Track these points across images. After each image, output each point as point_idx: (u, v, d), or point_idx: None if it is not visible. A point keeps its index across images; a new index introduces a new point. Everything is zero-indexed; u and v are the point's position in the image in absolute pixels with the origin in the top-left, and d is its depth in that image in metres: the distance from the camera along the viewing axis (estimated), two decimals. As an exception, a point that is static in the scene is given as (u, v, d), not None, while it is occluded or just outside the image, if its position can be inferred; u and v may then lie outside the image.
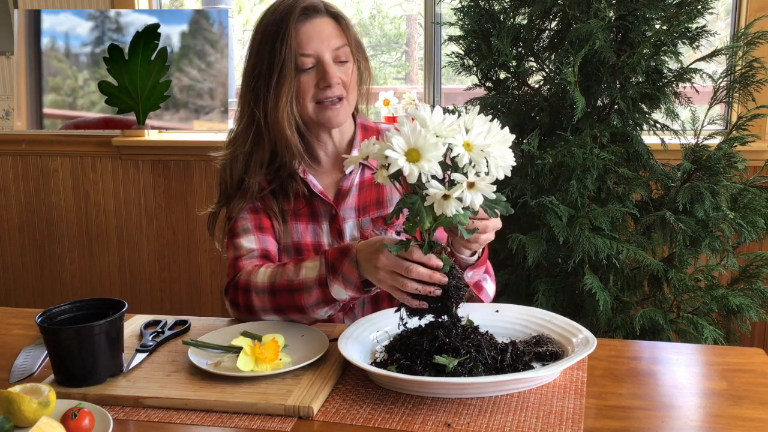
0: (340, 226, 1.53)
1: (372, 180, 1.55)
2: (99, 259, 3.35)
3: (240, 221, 1.52)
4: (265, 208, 1.52)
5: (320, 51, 1.44)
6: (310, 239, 1.53)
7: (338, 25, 1.47)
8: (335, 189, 1.55)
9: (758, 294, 2.16)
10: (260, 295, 1.40)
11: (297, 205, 1.53)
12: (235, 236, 1.51)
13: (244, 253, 1.48)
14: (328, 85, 1.44)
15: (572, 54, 2.07)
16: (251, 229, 1.51)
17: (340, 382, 1.22)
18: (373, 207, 1.54)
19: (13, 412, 1.06)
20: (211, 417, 1.13)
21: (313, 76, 1.45)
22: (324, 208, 1.53)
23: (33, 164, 3.31)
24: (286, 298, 1.38)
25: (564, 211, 2.04)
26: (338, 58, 1.45)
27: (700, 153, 2.16)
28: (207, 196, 3.18)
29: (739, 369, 1.27)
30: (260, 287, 1.40)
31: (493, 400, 1.15)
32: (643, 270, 2.15)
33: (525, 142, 2.14)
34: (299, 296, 1.36)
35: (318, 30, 1.44)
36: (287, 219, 1.53)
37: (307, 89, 1.45)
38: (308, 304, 1.36)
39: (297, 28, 1.43)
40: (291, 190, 1.51)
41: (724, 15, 2.92)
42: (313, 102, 1.47)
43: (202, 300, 3.29)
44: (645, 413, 1.12)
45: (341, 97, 1.47)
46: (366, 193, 1.55)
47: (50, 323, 1.24)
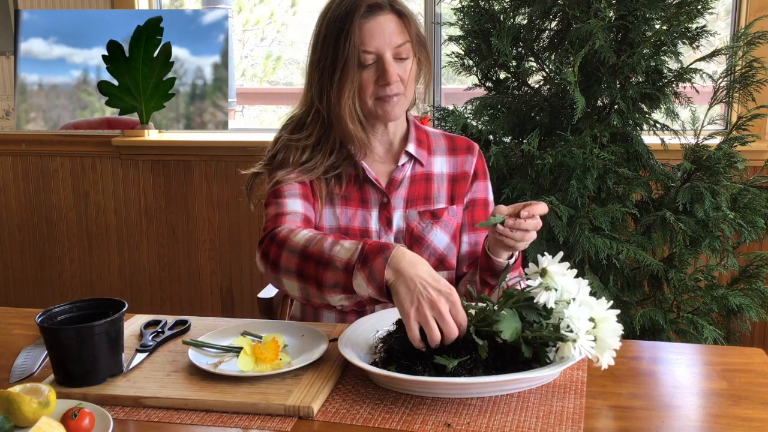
0: (390, 214, 1.55)
1: (422, 175, 1.59)
2: (99, 259, 3.35)
3: (287, 186, 1.51)
4: (312, 187, 1.54)
5: (381, 48, 1.46)
6: (358, 224, 1.55)
7: (401, 21, 1.48)
8: (387, 178, 1.58)
9: (758, 294, 2.16)
10: (291, 254, 1.33)
11: (348, 190, 1.56)
12: (280, 196, 1.49)
13: (288, 212, 1.47)
14: (386, 83, 1.46)
15: (572, 54, 2.07)
16: (298, 194, 1.51)
17: (340, 382, 1.22)
18: (421, 201, 1.57)
19: (13, 412, 1.06)
20: (211, 417, 1.13)
21: (373, 73, 1.47)
22: (375, 196, 1.56)
23: (33, 164, 3.31)
24: (311, 268, 1.30)
25: (564, 211, 2.05)
26: (399, 55, 1.47)
27: (700, 153, 2.16)
28: (207, 196, 3.18)
29: (739, 369, 1.27)
30: (294, 246, 1.33)
31: (493, 400, 1.15)
32: (643, 270, 2.15)
33: (525, 142, 2.14)
34: (323, 271, 1.28)
35: (381, 27, 1.46)
36: (337, 203, 1.55)
37: (367, 85, 1.48)
38: (328, 283, 1.28)
39: (360, 25, 1.45)
40: (344, 174, 1.55)
41: (724, 15, 2.92)
42: (372, 98, 1.49)
43: (202, 300, 3.29)
44: (645, 413, 1.12)
45: (399, 94, 1.49)
46: (416, 186, 1.58)
47: (50, 323, 1.24)
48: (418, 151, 1.58)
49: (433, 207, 1.58)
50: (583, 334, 1.11)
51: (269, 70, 4.70)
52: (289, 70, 4.69)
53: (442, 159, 1.61)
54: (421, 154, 1.59)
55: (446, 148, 1.63)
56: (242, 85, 4.23)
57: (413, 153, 1.57)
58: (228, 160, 3.12)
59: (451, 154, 1.62)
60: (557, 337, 1.13)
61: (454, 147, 1.63)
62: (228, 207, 3.18)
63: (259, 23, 4.65)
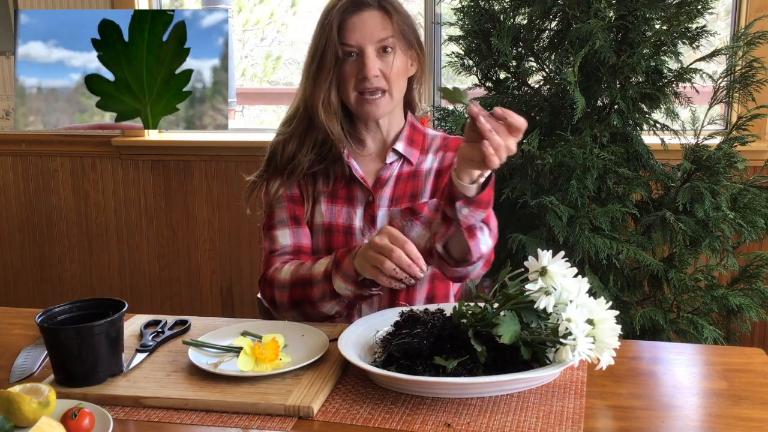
0: (374, 212, 1.57)
1: (409, 173, 1.59)
2: (99, 259, 3.35)
3: (277, 212, 1.58)
4: (302, 194, 1.58)
5: (362, 43, 1.47)
6: (342, 221, 1.57)
7: (386, 16, 1.49)
8: (375, 176, 1.59)
9: (758, 294, 2.16)
10: (282, 290, 1.49)
11: (336, 187, 1.58)
12: (272, 228, 1.58)
13: (278, 249, 1.56)
14: (364, 77, 1.47)
15: (572, 54, 2.07)
16: (287, 220, 1.58)
17: (340, 382, 1.22)
18: (407, 199, 1.58)
19: (13, 412, 1.06)
20: (211, 417, 1.13)
21: (354, 66, 1.49)
22: (362, 194, 1.58)
23: (33, 164, 3.31)
24: (299, 291, 1.47)
25: (564, 211, 2.05)
26: (381, 50, 1.48)
27: (700, 153, 2.16)
28: (207, 196, 3.18)
29: (739, 369, 1.27)
30: (282, 283, 1.49)
31: (493, 400, 1.15)
32: (643, 270, 2.15)
33: (525, 142, 2.13)
34: (310, 289, 1.45)
35: (363, 22, 1.48)
36: (324, 200, 1.58)
37: (348, 78, 1.50)
38: (316, 296, 1.44)
39: (342, 20, 1.47)
40: (332, 171, 1.57)
41: (724, 15, 2.91)
42: (355, 92, 1.51)
43: (202, 300, 3.29)
44: (645, 413, 1.12)
45: (382, 89, 1.50)
46: (402, 185, 1.59)
47: (50, 323, 1.24)
48: (408, 149, 1.59)
49: (416, 204, 1.57)
50: (582, 337, 1.11)
51: (269, 70, 4.70)
52: (289, 70, 4.69)
53: (432, 156, 1.61)
54: (411, 153, 1.59)
55: (439, 146, 1.63)
56: (242, 85, 4.23)
57: (401, 151, 1.58)
58: (228, 160, 3.12)
59: (442, 150, 1.62)
60: (556, 341, 1.13)
61: (447, 145, 1.63)
62: (228, 207, 3.17)
63: (259, 23, 4.64)
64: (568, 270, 1.17)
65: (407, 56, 1.54)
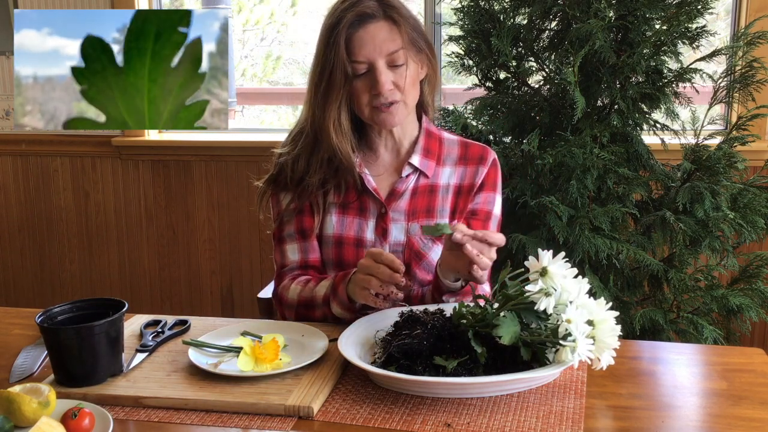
0: (386, 225, 1.53)
1: (426, 187, 1.55)
2: (99, 259, 3.35)
3: (286, 225, 1.57)
4: (311, 205, 1.56)
5: (372, 57, 1.42)
6: (353, 233, 1.54)
7: (395, 27, 1.44)
8: (389, 189, 1.55)
9: (758, 294, 2.16)
10: (289, 309, 1.54)
11: (347, 198, 1.55)
12: (282, 241, 1.59)
13: (287, 264, 1.57)
14: (378, 93, 1.43)
15: (572, 54, 2.07)
16: (294, 235, 1.57)
17: (340, 382, 1.22)
18: (423, 214, 1.54)
19: (13, 412, 1.06)
20: (211, 417, 1.13)
21: (367, 82, 1.44)
22: (374, 206, 1.54)
23: (33, 164, 3.31)
24: (304, 312, 1.51)
25: (564, 211, 2.05)
26: (393, 62, 1.43)
27: (700, 153, 2.16)
28: (207, 196, 3.18)
29: (739, 369, 1.27)
30: (289, 303, 1.53)
31: (493, 400, 1.15)
32: (643, 270, 2.15)
33: (525, 142, 2.14)
34: (312, 311, 1.49)
35: (372, 36, 1.42)
36: (334, 211, 1.55)
37: (361, 94, 1.45)
38: (319, 318, 1.48)
39: (349, 36, 1.42)
40: (344, 181, 1.54)
41: (724, 15, 2.92)
42: (369, 107, 1.47)
43: (202, 300, 3.29)
44: (645, 413, 1.12)
45: (395, 101, 1.45)
46: (419, 199, 1.55)
47: (50, 323, 1.24)
48: (424, 162, 1.54)
49: (436, 220, 1.54)
50: (582, 339, 1.11)
51: (269, 70, 4.70)
52: (289, 70, 4.69)
53: (450, 169, 1.56)
54: (427, 166, 1.55)
55: (457, 157, 1.57)
56: (242, 85, 4.23)
57: (417, 165, 1.54)
58: (228, 160, 3.12)
59: (461, 164, 1.57)
60: (556, 342, 1.13)
61: (466, 156, 1.57)
62: (228, 207, 3.17)
63: (259, 23, 4.65)
64: (569, 271, 1.17)
65: (417, 61, 1.48)
